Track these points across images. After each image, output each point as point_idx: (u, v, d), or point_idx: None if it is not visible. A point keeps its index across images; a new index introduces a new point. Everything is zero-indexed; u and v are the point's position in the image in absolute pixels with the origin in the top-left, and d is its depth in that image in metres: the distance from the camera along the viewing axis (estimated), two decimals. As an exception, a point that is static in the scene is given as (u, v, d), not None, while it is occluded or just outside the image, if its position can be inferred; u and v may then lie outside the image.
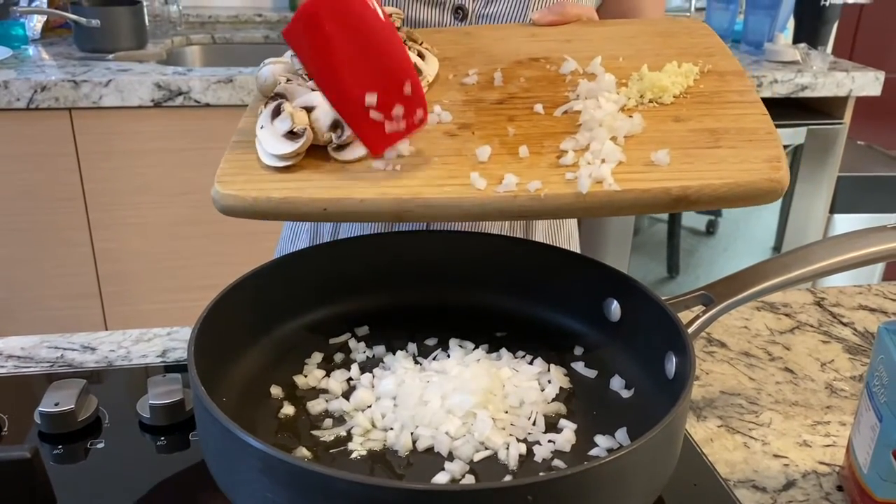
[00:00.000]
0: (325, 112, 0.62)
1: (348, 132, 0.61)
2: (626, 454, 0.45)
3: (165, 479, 0.58)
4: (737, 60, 0.70)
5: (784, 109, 2.12)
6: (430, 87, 0.69)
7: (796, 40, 2.25)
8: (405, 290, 0.69)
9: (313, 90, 0.64)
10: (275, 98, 0.65)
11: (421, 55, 0.70)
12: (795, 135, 2.07)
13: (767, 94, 1.99)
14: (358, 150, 0.61)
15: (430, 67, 0.69)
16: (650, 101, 0.66)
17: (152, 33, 2.08)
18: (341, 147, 0.62)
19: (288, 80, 0.67)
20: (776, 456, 0.64)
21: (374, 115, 0.58)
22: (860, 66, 2.10)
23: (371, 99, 0.58)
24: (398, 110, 0.58)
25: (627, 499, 0.48)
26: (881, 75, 2.05)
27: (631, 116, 0.63)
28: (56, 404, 0.61)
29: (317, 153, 0.62)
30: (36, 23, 2.01)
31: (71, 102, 1.62)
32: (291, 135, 0.61)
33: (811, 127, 2.07)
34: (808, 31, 2.25)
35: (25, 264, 1.75)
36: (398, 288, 0.71)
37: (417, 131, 0.60)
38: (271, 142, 0.61)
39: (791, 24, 2.28)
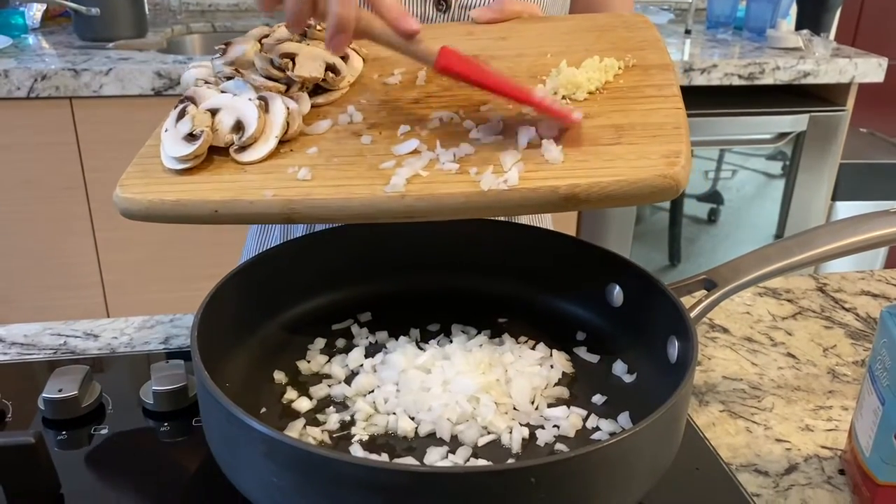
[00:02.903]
0: (228, 114, 0.61)
1: (250, 133, 0.60)
2: (628, 437, 0.45)
3: (169, 464, 0.58)
4: (667, 54, 0.69)
5: (786, 96, 2.12)
6: (351, 86, 0.69)
7: (799, 27, 2.24)
8: (407, 277, 0.69)
9: (223, 92, 0.64)
10: (183, 101, 0.64)
11: (344, 56, 0.69)
12: (797, 122, 2.07)
13: (769, 80, 1.99)
14: (259, 152, 0.61)
15: (351, 67, 0.69)
16: (563, 97, 0.64)
17: (152, 22, 2.07)
18: (243, 148, 0.61)
19: (206, 82, 0.66)
20: (778, 440, 0.65)
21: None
22: (863, 53, 2.09)
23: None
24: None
25: (629, 482, 0.48)
26: (884, 62, 2.04)
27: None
28: (59, 390, 0.61)
29: (221, 155, 0.62)
30: (35, 12, 2.00)
31: (71, 91, 1.62)
32: (191, 137, 0.60)
33: (813, 114, 2.06)
34: (811, 17, 2.24)
35: (27, 254, 1.76)
36: (400, 274, 0.71)
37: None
38: (172, 144, 0.61)
39: (793, 10, 2.28)
